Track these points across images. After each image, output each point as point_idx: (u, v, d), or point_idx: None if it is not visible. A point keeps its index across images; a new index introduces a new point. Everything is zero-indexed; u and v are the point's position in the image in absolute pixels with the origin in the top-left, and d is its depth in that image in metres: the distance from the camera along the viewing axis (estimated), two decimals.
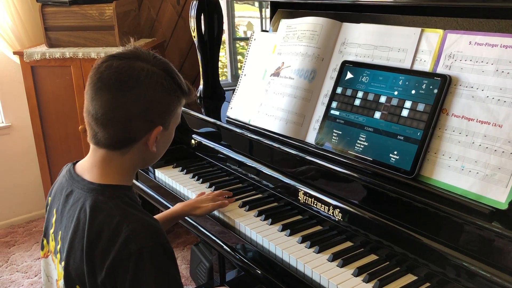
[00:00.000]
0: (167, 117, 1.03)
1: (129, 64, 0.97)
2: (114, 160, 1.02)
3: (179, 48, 3.08)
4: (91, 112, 0.98)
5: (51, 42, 2.60)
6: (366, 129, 1.26)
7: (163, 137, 1.06)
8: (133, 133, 0.99)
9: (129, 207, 0.97)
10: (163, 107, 1.01)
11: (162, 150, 1.11)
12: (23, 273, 2.61)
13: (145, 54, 1.01)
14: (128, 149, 1.01)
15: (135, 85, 0.96)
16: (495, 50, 1.08)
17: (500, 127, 1.04)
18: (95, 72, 0.98)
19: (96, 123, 0.98)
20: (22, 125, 2.97)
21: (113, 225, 0.93)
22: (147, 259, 0.91)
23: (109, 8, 2.51)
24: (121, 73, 0.96)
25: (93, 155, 1.04)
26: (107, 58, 0.99)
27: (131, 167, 1.05)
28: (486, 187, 1.03)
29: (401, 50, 1.27)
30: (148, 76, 0.97)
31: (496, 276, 0.94)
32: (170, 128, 1.06)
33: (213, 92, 2.08)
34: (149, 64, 0.99)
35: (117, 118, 0.97)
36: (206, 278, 2.27)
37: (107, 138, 0.99)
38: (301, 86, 1.45)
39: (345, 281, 1.09)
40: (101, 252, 0.92)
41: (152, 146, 1.02)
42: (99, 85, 0.97)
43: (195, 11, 1.94)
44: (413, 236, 1.09)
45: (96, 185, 1.00)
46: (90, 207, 0.96)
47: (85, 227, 0.94)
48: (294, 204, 1.41)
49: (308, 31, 1.48)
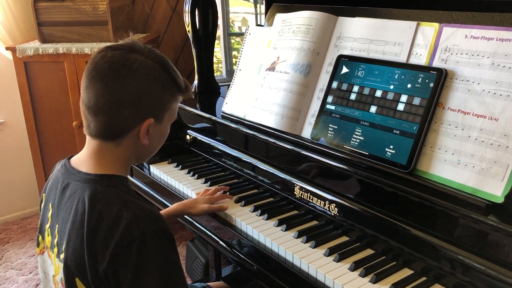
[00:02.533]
0: (159, 111, 1.03)
1: (124, 55, 0.98)
2: (108, 151, 1.02)
3: (173, 43, 3.07)
4: (85, 101, 0.99)
5: (44, 37, 2.58)
6: (362, 124, 1.26)
7: (156, 131, 1.05)
8: (123, 123, 1.00)
9: (128, 195, 0.98)
10: (155, 99, 1.01)
11: (157, 145, 1.10)
12: (17, 270, 2.60)
13: (141, 47, 1.02)
14: (121, 140, 1.01)
15: (127, 74, 0.97)
16: (491, 44, 1.08)
17: (496, 120, 1.04)
18: (91, 62, 1.00)
19: (89, 112, 0.99)
20: (15, 121, 2.95)
21: (114, 212, 0.92)
22: (149, 244, 0.90)
23: (102, 3, 2.49)
24: (114, 62, 0.97)
25: (88, 146, 1.04)
26: (103, 49, 1.01)
27: (126, 159, 1.05)
28: (482, 180, 1.02)
29: (396, 44, 1.26)
30: (140, 67, 0.98)
31: (492, 269, 0.94)
32: (164, 123, 1.06)
33: (208, 87, 2.07)
34: (144, 56, 1.00)
35: (107, 107, 0.97)
36: (201, 274, 2.27)
37: (99, 127, 0.99)
38: (296, 81, 1.45)
39: (341, 275, 1.09)
40: (102, 240, 0.92)
41: (143, 138, 1.02)
42: (93, 74, 0.98)
43: (189, 5, 1.92)
44: (409, 231, 1.09)
45: (92, 176, 1.00)
46: (88, 196, 0.95)
47: (84, 217, 0.94)
48: (290, 199, 1.41)
49: (303, 25, 1.48)
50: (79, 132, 2.61)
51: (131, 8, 2.88)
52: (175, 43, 3.07)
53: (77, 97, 2.56)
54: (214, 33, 2.04)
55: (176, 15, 2.99)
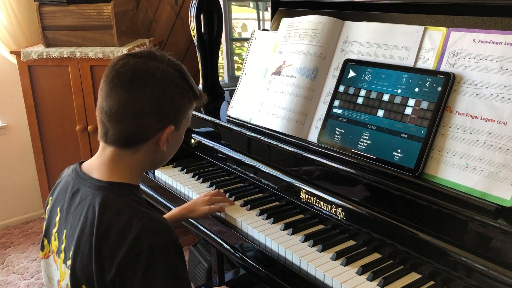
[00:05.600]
0: (179, 118, 1.04)
1: (145, 62, 0.99)
2: (123, 159, 1.01)
3: (177, 48, 3.07)
4: (105, 108, 0.98)
5: (49, 41, 2.58)
6: (369, 127, 1.26)
7: (173, 138, 1.06)
8: (145, 130, 0.99)
9: (138, 205, 0.97)
10: (176, 106, 1.02)
11: (172, 152, 1.11)
12: (19, 275, 2.58)
13: (160, 54, 1.02)
14: (138, 148, 1.01)
15: (150, 82, 0.97)
16: (499, 48, 1.08)
17: (504, 124, 1.04)
18: (111, 69, 0.99)
19: (109, 120, 0.98)
20: (19, 125, 2.95)
21: (123, 222, 0.92)
22: (158, 256, 0.90)
23: (107, 7, 2.50)
24: (137, 70, 0.97)
25: (102, 153, 1.03)
26: (124, 56, 1.01)
27: (140, 167, 1.05)
28: (491, 184, 1.02)
29: (404, 48, 1.26)
30: (163, 75, 0.98)
31: (501, 273, 0.94)
32: (180, 130, 1.07)
33: (212, 91, 2.08)
34: (164, 64, 1.00)
35: (130, 114, 0.97)
36: (204, 279, 2.26)
37: (118, 135, 0.98)
38: (303, 85, 1.45)
39: (349, 279, 1.08)
40: (110, 249, 0.91)
41: (163, 145, 1.02)
42: (115, 82, 0.97)
43: (195, 10, 1.93)
44: (417, 234, 1.08)
45: (104, 183, 0.99)
46: (99, 204, 0.95)
47: (94, 225, 0.93)
48: (296, 203, 1.41)
49: (310, 30, 1.48)
50: (82, 136, 2.61)
51: (135, 13, 2.89)
52: (179, 48, 3.08)
53: (80, 101, 2.56)
54: (219, 38, 2.05)
55: (180, 20, 3.00)
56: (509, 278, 0.93)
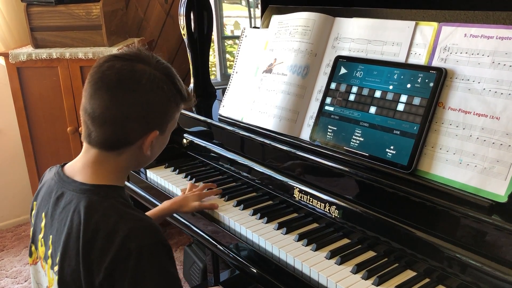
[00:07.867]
0: (164, 122, 1.03)
1: (132, 66, 0.96)
2: (107, 161, 1.00)
3: (167, 47, 3.05)
4: (88, 110, 0.96)
5: (37, 42, 2.55)
6: (362, 124, 1.24)
7: (158, 141, 1.05)
8: (128, 135, 0.98)
9: (124, 207, 0.95)
10: (161, 112, 1.00)
11: (156, 154, 1.10)
12: (12, 279, 2.56)
13: (148, 57, 1.00)
14: (122, 151, 1.00)
15: (135, 87, 0.95)
16: (491, 42, 1.07)
17: (497, 119, 1.03)
18: (96, 70, 0.97)
19: (92, 122, 0.96)
20: (9, 127, 2.92)
21: (110, 224, 0.90)
22: (146, 257, 0.89)
23: (96, 7, 2.47)
24: (122, 74, 0.95)
25: (86, 155, 1.01)
26: (110, 58, 0.98)
27: (124, 169, 1.04)
28: (485, 180, 1.02)
29: (395, 43, 1.25)
30: (149, 80, 0.96)
31: (496, 269, 0.93)
32: (166, 133, 1.06)
33: (204, 90, 2.06)
34: (151, 67, 0.98)
35: (113, 119, 0.95)
36: (199, 279, 2.25)
37: (101, 138, 0.97)
38: (294, 82, 1.44)
39: (344, 278, 1.07)
40: (98, 253, 0.89)
41: (146, 150, 1.01)
42: (100, 84, 0.95)
43: (184, 8, 1.91)
44: (411, 232, 1.08)
45: (89, 186, 0.97)
46: (84, 208, 0.93)
47: (80, 228, 0.91)
48: (290, 202, 1.39)
49: (300, 27, 1.47)
50: (73, 137, 2.58)
51: (124, 12, 2.86)
52: (170, 47, 3.05)
53: (71, 102, 2.53)
54: (210, 36, 2.03)
55: (170, 19, 2.98)
56: (504, 273, 0.92)
